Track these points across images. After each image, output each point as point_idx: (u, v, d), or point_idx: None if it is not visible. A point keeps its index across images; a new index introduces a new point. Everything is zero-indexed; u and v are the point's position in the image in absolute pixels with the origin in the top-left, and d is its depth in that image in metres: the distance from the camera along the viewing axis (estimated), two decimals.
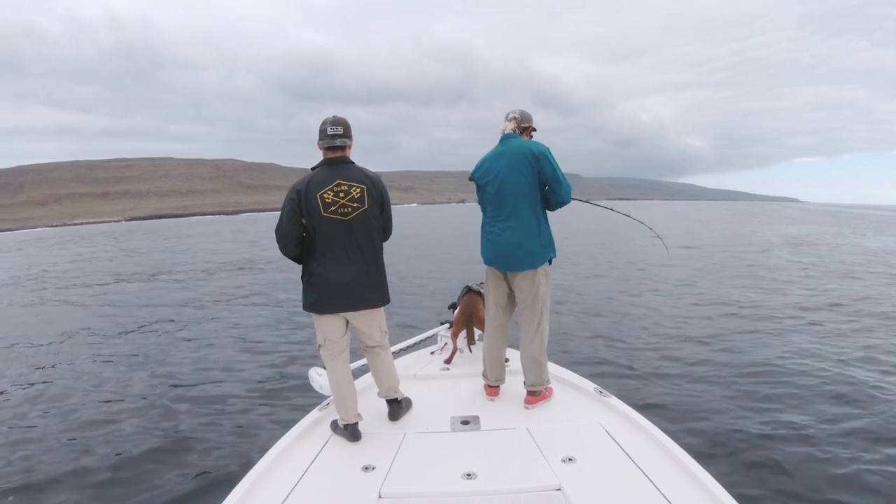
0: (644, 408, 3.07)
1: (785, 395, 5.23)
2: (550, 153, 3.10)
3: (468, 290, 4.15)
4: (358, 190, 2.77)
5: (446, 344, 4.30)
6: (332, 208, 2.72)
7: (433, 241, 28.33)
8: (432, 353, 4.35)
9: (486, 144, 3.33)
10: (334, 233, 2.74)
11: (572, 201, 3.29)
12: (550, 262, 3.23)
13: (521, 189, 3.07)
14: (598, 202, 4.33)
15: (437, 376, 3.83)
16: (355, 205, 2.75)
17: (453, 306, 4.60)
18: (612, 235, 30.06)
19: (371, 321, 2.99)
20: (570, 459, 2.50)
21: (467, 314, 4.03)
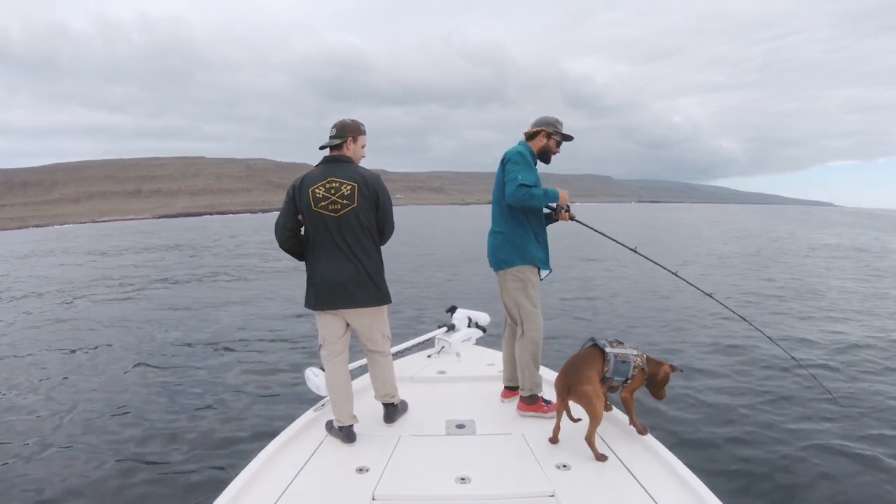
0: (639, 415, 3.02)
1: (788, 407, 5.15)
2: (518, 156, 3.17)
3: (592, 344, 2.93)
4: (349, 187, 2.82)
5: (443, 348, 4.30)
6: (323, 204, 2.80)
7: (439, 242, 28.14)
8: (429, 356, 4.26)
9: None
10: (325, 228, 2.82)
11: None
12: (540, 274, 3.28)
13: (498, 193, 3.24)
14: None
15: (433, 380, 3.81)
16: (345, 202, 2.81)
17: (452, 309, 4.66)
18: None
19: (371, 324, 3.00)
20: (563, 466, 2.53)
21: (565, 383, 2.75)
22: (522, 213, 3.22)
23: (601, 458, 2.57)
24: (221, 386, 5.80)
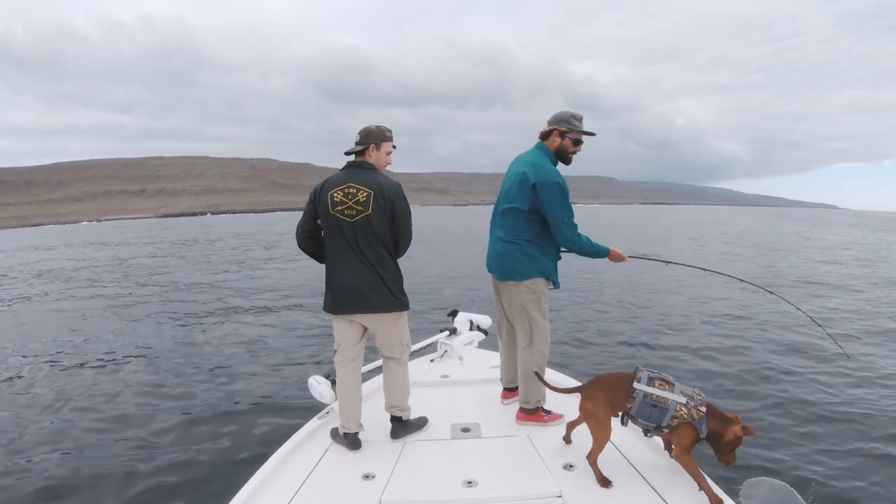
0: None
1: (799, 405, 5.02)
2: (557, 188, 2.95)
3: (634, 370, 2.58)
4: (364, 194, 2.85)
5: (446, 352, 4.31)
6: (339, 208, 2.85)
7: (440, 243, 27.51)
8: (432, 360, 4.25)
9: (519, 148, 3.37)
10: (340, 232, 2.86)
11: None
12: (555, 285, 3.21)
13: (514, 200, 3.09)
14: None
15: (436, 384, 3.80)
16: (360, 208, 2.85)
17: (453, 313, 4.69)
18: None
19: (388, 330, 2.99)
20: (570, 466, 2.52)
21: (580, 389, 2.59)
22: (544, 226, 3.11)
23: (603, 482, 2.38)
24: (224, 394, 5.80)
